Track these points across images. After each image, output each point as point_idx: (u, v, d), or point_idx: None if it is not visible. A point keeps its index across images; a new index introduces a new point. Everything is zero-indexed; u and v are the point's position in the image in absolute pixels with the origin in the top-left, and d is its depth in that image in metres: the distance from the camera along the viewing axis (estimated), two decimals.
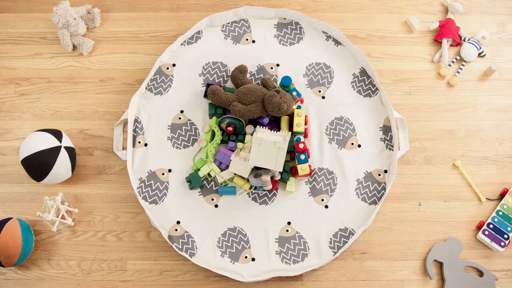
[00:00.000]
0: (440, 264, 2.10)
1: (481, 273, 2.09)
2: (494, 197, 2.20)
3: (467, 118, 2.31)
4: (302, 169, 2.11)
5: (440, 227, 2.16)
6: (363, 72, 2.34)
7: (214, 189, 2.16)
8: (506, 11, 2.50)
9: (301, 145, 2.12)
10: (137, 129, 2.24)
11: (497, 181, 2.22)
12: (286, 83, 2.20)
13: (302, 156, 2.11)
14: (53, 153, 2.04)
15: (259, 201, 2.15)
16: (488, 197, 2.20)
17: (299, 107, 2.22)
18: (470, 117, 2.31)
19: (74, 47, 2.40)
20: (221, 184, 2.16)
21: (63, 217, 2.12)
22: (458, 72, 2.37)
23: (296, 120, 2.16)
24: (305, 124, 2.22)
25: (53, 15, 2.33)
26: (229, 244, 2.09)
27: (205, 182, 2.18)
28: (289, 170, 2.17)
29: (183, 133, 2.24)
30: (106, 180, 2.21)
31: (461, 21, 2.47)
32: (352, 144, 2.23)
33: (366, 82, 2.32)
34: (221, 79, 2.33)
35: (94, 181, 2.21)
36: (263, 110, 2.16)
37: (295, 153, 2.17)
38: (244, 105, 2.16)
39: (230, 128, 2.17)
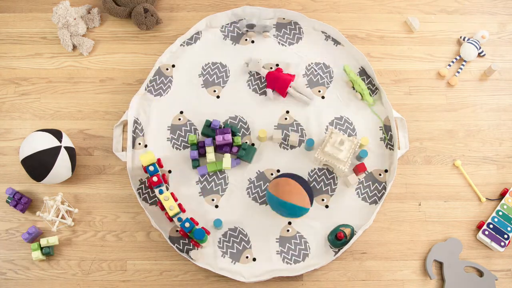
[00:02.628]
0: (440, 264, 2.10)
1: (481, 273, 2.09)
2: (494, 197, 2.20)
3: (467, 118, 2.31)
4: None
5: (440, 227, 2.16)
6: (363, 72, 2.34)
7: (214, 189, 2.16)
8: (506, 11, 2.50)
9: None
10: (137, 130, 2.24)
11: (497, 181, 2.22)
12: (198, 237, 2.01)
13: None
14: (53, 153, 2.03)
15: (259, 201, 2.15)
16: (488, 197, 2.20)
17: None
18: (470, 117, 2.31)
19: (74, 47, 2.40)
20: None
21: (63, 217, 2.12)
22: (458, 72, 2.37)
23: None
24: None
25: (53, 15, 2.33)
26: (230, 245, 2.09)
27: (205, 182, 2.18)
28: (247, 147, 2.19)
29: (183, 134, 2.24)
30: (106, 180, 2.21)
31: (461, 21, 2.47)
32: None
33: (366, 82, 2.33)
34: (221, 79, 2.33)
35: (94, 181, 2.20)
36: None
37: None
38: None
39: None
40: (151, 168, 2.08)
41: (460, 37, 2.43)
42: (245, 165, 2.20)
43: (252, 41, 2.40)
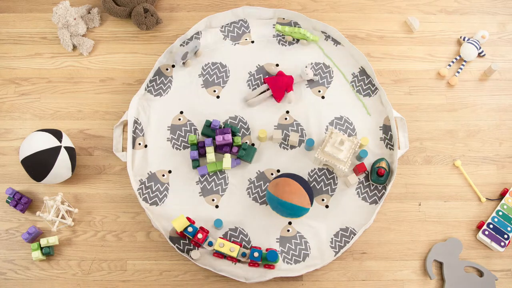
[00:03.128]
0: (440, 264, 2.10)
1: (481, 273, 2.09)
2: (494, 197, 2.20)
3: (467, 118, 2.31)
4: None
5: (440, 227, 2.16)
6: (363, 72, 2.34)
7: (214, 189, 2.16)
8: (506, 11, 2.50)
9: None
10: (137, 130, 2.24)
11: (497, 181, 2.22)
12: (272, 259, 2.01)
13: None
14: (53, 153, 2.03)
15: (259, 201, 2.15)
16: (488, 197, 2.20)
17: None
18: (470, 117, 2.31)
19: (74, 47, 2.40)
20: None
21: (63, 217, 2.12)
22: (458, 72, 2.37)
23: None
24: None
25: (53, 15, 2.33)
26: None
27: (205, 183, 2.18)
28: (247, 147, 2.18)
29: (183, 134, 2.24)
30: (106, 180, 2.21)
31: (461, 21, 2.47)
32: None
33: (366, 82, 2.33)
34: (221, 79, 2.33)
35: (94, 181, 2.20)
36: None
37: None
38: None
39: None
40: (190, 229, 2.03)
41: (460, 37, 2.43)
42: (245, 165, 2.20)
43: (252, 41, 2.40)
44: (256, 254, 2.00)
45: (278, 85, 2.25)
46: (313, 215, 2.13)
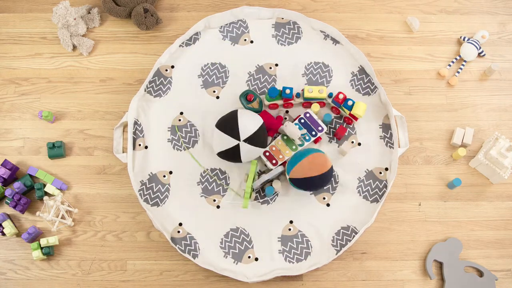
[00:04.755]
0: (440, 264, 2.10)
1: (481, 273, 2.09)
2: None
3: (467, 118, 2.31)
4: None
5: (440, 227, 2.16)
6: (362, 71, 2.35)
7: (215, 190, 2.17)
8: (506, 11, 2.50)
9: (340, 95, 2.15)
10: (137, 131, 2.24)
11: None
12: (272, 94, 2.18)
13: (350, 102, 2.14)
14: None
15: (260, 201, 2.15)
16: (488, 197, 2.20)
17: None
18: (470, 117, 2.31)
19: (74, 47, 2.40)
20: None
21: (63, 217, 2.12)
22: (458, 72, 2.37)
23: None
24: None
25: (53, 15, 2.33)
26: (232, 245, 2.09)
27: (206, 183, 2.18)
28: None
29: (184, 135, 2.24)
30: (106, 180, 2.21)
31: (461, 21, 2.48)
32: (352, 142, 2.23)
33: (365, 81, 2.33)
34: (220, 80, 2.33)
35: (94, 181, 2.20)
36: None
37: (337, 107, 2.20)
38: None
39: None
40: None
41: (460, 37, 2.43)
42: (245, 165, 2.20)
43: (251, 41, 2.40)
44: None
45: (268, 123, 2.22)
46: (314, 214, 2.13)
